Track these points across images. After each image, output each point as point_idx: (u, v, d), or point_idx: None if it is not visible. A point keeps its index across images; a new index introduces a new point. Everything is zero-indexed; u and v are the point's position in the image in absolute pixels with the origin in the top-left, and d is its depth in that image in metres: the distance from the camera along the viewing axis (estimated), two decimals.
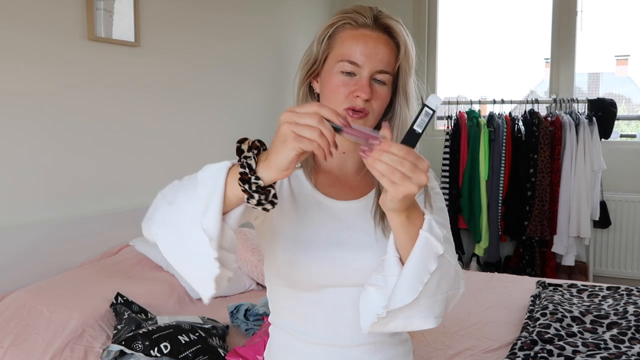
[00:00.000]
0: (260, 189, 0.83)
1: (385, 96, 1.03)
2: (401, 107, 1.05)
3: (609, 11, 4.42)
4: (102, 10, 2.48)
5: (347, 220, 1.06)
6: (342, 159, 1.10)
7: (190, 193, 0.86)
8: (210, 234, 0.82)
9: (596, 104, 3.78)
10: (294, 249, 1.03)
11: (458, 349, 1.85)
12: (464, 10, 4.68)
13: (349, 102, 1.00)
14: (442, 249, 0.90)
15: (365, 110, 1.00)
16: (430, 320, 0.94)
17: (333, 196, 1.08)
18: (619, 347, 1.72)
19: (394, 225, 0.90)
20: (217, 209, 0.83)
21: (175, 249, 0.87)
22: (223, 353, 1.72)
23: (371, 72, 1.00)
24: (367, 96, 0.99)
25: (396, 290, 0.90)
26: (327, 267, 1.02)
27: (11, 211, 2.20)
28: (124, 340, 1.68)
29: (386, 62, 1.01)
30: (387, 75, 1.02)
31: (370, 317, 0.94)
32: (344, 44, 1.02)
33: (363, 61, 1.00)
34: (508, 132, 3.84)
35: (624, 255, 3.96)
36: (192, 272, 0.87)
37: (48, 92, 2.31)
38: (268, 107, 3.70)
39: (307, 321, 1.06)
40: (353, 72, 1.01)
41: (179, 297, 2.26)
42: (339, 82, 1.01)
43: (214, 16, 3.18)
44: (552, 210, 3.74)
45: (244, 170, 0.82)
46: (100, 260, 2.43)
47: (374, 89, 1.01)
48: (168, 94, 2.89)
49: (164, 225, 0.87)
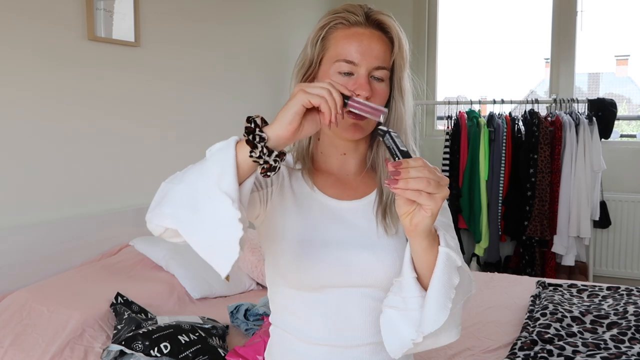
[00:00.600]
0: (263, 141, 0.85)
1: (384, 93, 1.02)
2: (396, 102, 1.05)
3: (609, 11, 4.42)
4: (102, 10, 2.48)
5: (349, 221, 1.06)
6: (343, 159, 1.10)
7: (200, 168, 0.87)
8: (232, 195, 0.82)
9: (596, 104, 3.77)
10: (295, 249, 1.03)
11: (458, 349, 1.85)
12: (464, 10, 4.68)
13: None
14: (460, 261, 0.90)
15: None
16: (454, 333, 0.93)
17: (334, 196, 1.07)
18: (619, 347, 1.72)
19: (422, 248, 0.88)
20: (232, 171, 0.84)
21: (193, 224, 0.85)
22: (223, 353, 1.72)
23: (368, 70, 1.00)
24: (367, 94, 0.98)
25: (427, 312, 0.88)
26: (329, 267, 1.02)
27: (11, 211, 2.20)
28: (124, 340, 1.68)
29: (382, 58, 1.01)
30: (384, 71, 1.02)
31: (400, 342, 0.93)
32: (338, 44, 1.02)
33: (359, 59, 1.00)
34: (508, 132, 3.84)
35: (624, 255, 3.96)
36: (215, 243, 0.84)
37: (48, 92, 2.31)
38: (270, 107, 3.70)
39: (308, 321, 1.06)
40: (350, 71, 1.00)
41: (179, 297, 2.26)
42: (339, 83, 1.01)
43: (214, 16, 3.18)
44: (552, 210, 3.74)
45: (249, 125, 0.85)
46: (100, 260, 2.43)
47: (373, 87, 1.01)
48: (168, 93, 2.89)
49: (179, 203, 0.85)
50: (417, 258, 0.91)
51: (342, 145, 1.07)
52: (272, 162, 0.86)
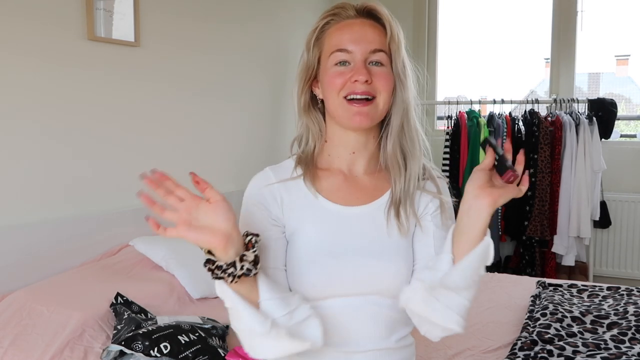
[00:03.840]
0: (221, 268, 0.88)
1: (386, 76, 1.01)
2: (397, 89, 1.04)
3: (609, 11, 4.42)
4: (102, 10, 2.48)
5: (355, 228, 1.04)
6: (352, 159, 1.08)
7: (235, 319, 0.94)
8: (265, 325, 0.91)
9: (596, 104, 3.77)
10: (301, 259, 1.02)
11: (458, 349, 1.85)
12: (464, 10, 4.68)
13: (347, 89, 0.99)
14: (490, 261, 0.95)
15: (368, 93, 0.99)
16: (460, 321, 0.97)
17: (339, 202, 1.05)
18: (619, 347, 1.72)
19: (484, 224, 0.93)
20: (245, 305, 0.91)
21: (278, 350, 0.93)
22: (223, 353, 1.72)
23: (364, 55, 1.00)
24: (364, 77, 0.98)
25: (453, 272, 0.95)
26: (334, 278, 1.01)
27: (11, 211, 2.20)
28: (123, 341, 1.68)
29: (377, 41, 1.01)
30: (382, 53, 1.01)
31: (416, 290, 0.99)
32: (331, 38, 1.03)
33: (353, 46, 1.00)
34: (508, 132, 3.84)
35: (624, 255, 3.96)
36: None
37: (48, 92, 2.31)
38: (270, 107, 3.70)
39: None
40: (346, 60, 1.00)
41: (179, 297, 2.26)
42: (335, 73, 1.01)
43: (214, 16, 3.18)
44: (552, 210, 3.74)
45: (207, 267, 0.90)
46: (100, 260, 2.43)
47: (373, 71, 1.00)
48: (168, 93, 2.89)
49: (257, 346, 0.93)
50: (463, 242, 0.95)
51: (351, 144, 1.06)
52: (248, 265, 0.89)
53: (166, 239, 2.54)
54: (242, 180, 3.46)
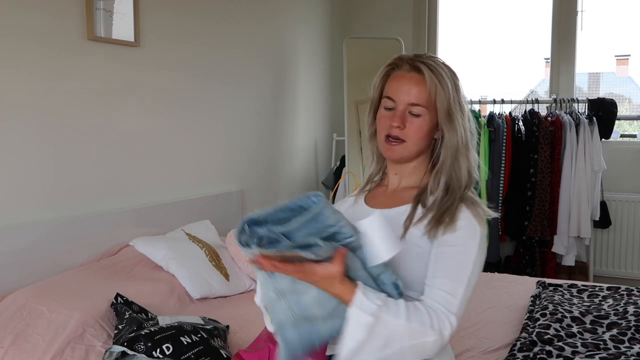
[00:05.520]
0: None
1: (421, 126, 1.22)
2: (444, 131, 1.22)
3: (609, 11, 4.41)
4: (102, 10, 2.48)
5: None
6: (394, 178, 1.32)
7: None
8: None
9: (596, 103, 3.77)
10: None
11: (458, 349, 1.85)
12: (464, 10, 4.68)
13: (387, 130, 1.24)
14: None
15: (400, 136, 1.22)
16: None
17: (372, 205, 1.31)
18: (619, 348, 1.72)
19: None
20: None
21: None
22: (225, 354, 1.72)
23: (404, 106, 1.22)
24: (398, 124, 1.21)
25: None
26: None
27: (11, 211, 2.20)
28: (126, 341, 1.68)
29: (417, 96, 1.21)
30: (420, 107, 1.21)
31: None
32: (387, 86, 1.27)
33: (397, 97, 1.23)
34: (508, 132, 3.83)
35: (624, 255, 3.96)
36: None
37: (48, 92, 2.31)
38: (271, 107, 3.70)
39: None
40: (392, 107, 1.24)
41: (179, 297, 2.26)
42: (383, 115, 1.26)
43: (214, 16, 3.17)
44: (552, 210, 3.74)
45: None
46: (100, 260, 2.43)
47: (409, 120, 1.22)
48: (168, 94, 2.89)
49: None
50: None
51: (392, 167, 1.32)
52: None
53: (166, 239, 2.54)
54: (243, 180, 3.47)
